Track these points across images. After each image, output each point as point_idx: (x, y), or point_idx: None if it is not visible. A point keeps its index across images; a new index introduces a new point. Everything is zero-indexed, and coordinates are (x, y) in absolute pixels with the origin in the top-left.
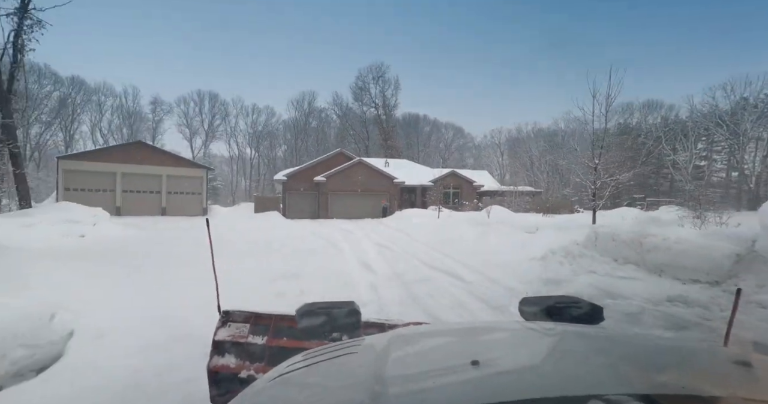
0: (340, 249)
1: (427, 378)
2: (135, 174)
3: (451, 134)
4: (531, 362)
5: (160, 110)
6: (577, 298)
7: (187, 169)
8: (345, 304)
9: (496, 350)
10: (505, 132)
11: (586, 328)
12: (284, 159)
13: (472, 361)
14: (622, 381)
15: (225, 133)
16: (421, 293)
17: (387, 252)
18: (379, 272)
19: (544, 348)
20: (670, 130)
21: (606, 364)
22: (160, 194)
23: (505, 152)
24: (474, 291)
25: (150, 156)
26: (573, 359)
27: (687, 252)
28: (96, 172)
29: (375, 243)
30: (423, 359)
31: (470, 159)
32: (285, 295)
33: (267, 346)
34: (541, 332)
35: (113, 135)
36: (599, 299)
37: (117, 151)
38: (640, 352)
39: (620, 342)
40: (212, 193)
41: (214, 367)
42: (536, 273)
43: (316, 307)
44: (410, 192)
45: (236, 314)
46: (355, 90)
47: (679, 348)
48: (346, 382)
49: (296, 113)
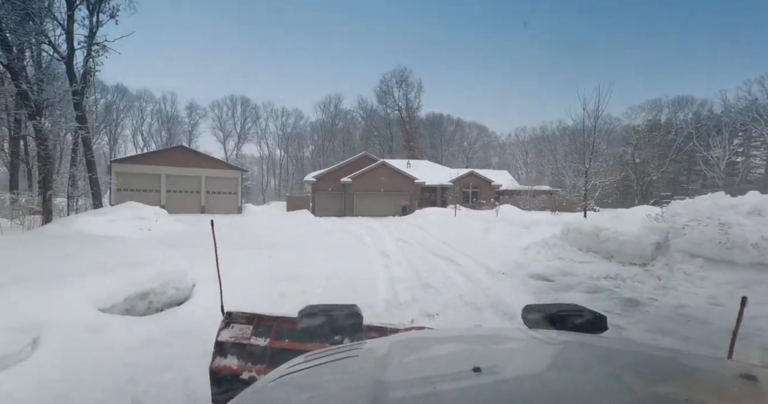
0: (364, 242)
1: (428, 383)
2: (177, 175)
3: (475, 133)
4: (533, 370)
5: (195, 114)
6: (580, 307)
7: (223, 170)
8: (346, 307)
9: (499, 357)
10: (529, 130)
11: (588, 337)
12: (312, 159)
13: (474, 368)
14: (624, 391)
15: (256, 135)
16: (422, 271)
17: (402, 244)
18: (393, 257)
19: (546, 357)
20: (703, 126)
21: (608, 374)
22: (200, 194)
23: (530, 151)
24: (460, 271)
25: (191, 159)
26: (575, 368)
27: (627, 242)
28: (144, 174)
29: (393, 237)
30: (424, 364)
31: (495, 157)
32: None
33: (269, 348)
34: (544, 340)
35: (153, 138)
36: (557, 277)
37: (162, 154)
38: (643, 363)
39: (623, 352)
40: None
41: (216, 368)
42: (514, 259)
43: (317, 309)
44: (431, 191)
45: (239, 315)
46: (379, 93)
47: (682, 359)
48: (347, 385)
49: (323, 115)
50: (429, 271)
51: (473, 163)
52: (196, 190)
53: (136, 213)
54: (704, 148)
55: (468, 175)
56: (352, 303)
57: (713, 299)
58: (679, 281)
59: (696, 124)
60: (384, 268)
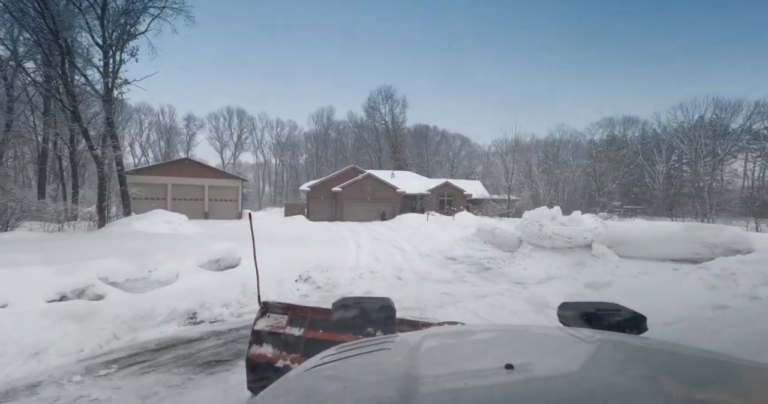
0: (346, 239)
1: (459, 379)
2: (182, 185)
3: (459, 144)
4: (566, 369)
5: (193, 125)
6: (618, 305)
7: (225, 180)
8: (380, 300)
9: (532, 355)
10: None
11: (626, 337)
12: (306, 167)
13: (506, 365)
14: (660, 395)
15: (252, 144)
16: (379, 254)
17: (373, 240)
18: (363, 248)
19: (581, 356)
20: (647, 143)
21: (644, 376)
22: (203, 201)
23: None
24: (403, 254)
25: (195, 170)
26: (610, 368)
27: (506, 236)
28: (151, 184)
29: (369, 236)
30: (456, 359)
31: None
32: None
33: (303, 338)
34: (579, 339)
35: (151, 148)
36: (461, 258)
37: (168, 166)
38: (682, 365)
39: (661, 353)
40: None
41: (252, 356)
42: (442, 248)
43: (351, 301)
44: (412, 199)
45: (275, 305)
46: (367, 109)
47: (724, 363)
48: (378, 378)
49: (316, 126)
50: (383, 254)
51: (458, 171)
52: (199, 198)
53: (164, 218)
54: (648, 164)
55: (443, 185)
56: (384, 296)
57: (526, 270)
58: (519, 259)
59: (642, 141)
60: (355, 253)
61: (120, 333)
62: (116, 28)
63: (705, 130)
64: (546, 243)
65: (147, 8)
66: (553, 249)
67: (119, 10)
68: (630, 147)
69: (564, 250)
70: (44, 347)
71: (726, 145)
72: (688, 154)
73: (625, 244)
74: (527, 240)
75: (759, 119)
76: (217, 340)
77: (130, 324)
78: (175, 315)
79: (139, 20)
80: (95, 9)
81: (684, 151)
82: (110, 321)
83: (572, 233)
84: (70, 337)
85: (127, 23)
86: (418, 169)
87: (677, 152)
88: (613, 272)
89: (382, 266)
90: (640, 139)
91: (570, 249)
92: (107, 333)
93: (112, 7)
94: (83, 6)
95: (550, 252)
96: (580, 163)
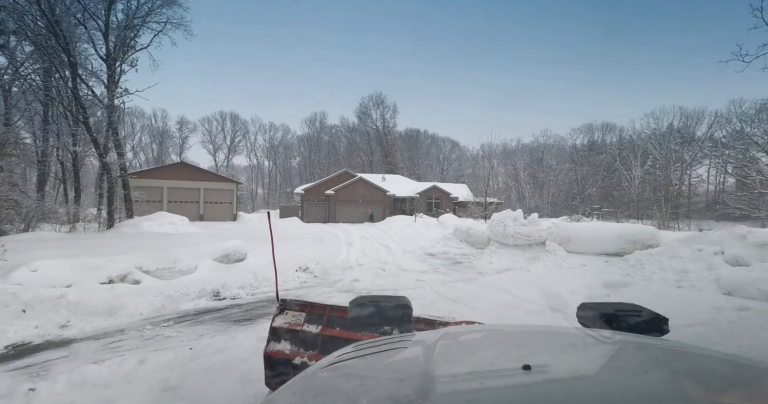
0: (338, 237)
1: (475, 379)
2: (178, 188)
3: (449, 147)
4: (585, 371)
5: (186, 129)
6: (639, 306)
7: (219, 182)
8: (396, 299)
9: (550, 356)
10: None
11: (647, 339)
12: (299, 170)
13: (524, 366)
14: (681, 399)
15: (245, 147)
16: (366, 250)
17: (363, 239)
18: (354, 246)
19: (600, 358)
20: (624, 149)
21: (665, 379)
22: (198, 204)
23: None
24: (388, 251)
25: (190, 173)
26: (630, 371)
27: (478, 235)
28: (148, 187)
29: (359, 235)
30: (473, 359)
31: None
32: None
33: (320, 335)
34: (598, 340)
35: (143, 151)
36: (438, 254)
37: (164, 170)
38: (706, 370)
39: (682, 355)
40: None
41: (270, 352)
42: (423, 246)
43: (367, 300)
44: (401, 202)
45: (293, 303)
46: (359, 114)
47: (750, 368)
48: (394, 376)
49: (309, 130)
50: (370, 250)
51: (448, 175)
52: (195, 201)
53: (168, 219)
54: (625, 168)
55: (431, 189)
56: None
57: (491, 263)
58: (487, 254)
59: (620, 146)
60: (346, 250)
61: (166, 304)
62: (118, 41)
63: (674, 137)
64: (510, 241)
65: (147, 23)
66: (515, 246)
67: (121, 25)
68: (609, 152)
69: (524, 247)
70: (114, 311)
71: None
72: (660, 160)
73: (571, 241)
74: (494, 239)
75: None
76: (239, 309)
77: (172, 298)
78: (204, 293)
79: (140, 33)
80: (98, 23)
81: (656, 157)
82: (157, 295)
83: (530, 232)
84: (131, 306)
85: (127, 37)
86: (409, 172)
87: (651, 157)
88: (560, 264)
89: (369, 260)
90: (617, 144)
91: (529, 246)
92: (157, 304)
93: (113, 21)
94: (89, 24)
95: (513, 248)
96: (563, 166)
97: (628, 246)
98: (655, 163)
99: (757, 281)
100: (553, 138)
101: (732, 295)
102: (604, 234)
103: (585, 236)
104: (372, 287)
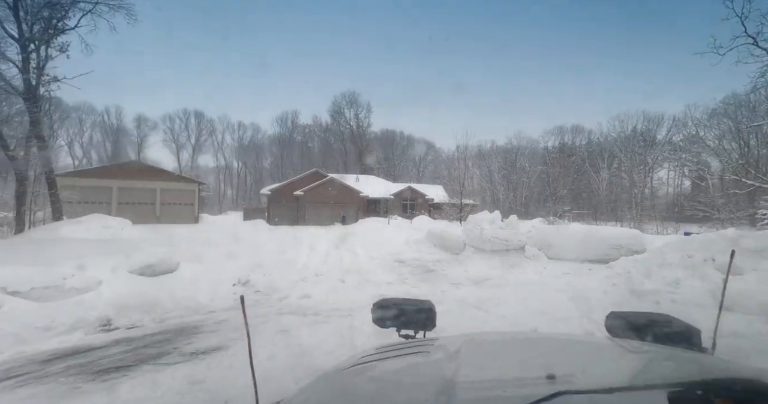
0: (300, 241)
1: (498, 387)
2: (131, 188)
3: (424, 148)
4: (611, 383)
5: (144, 126)
6: (670, 317)
7: (179, 183)
8: (420, 302)
9: (576, 365)
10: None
11: (675, 351)
12: (270, 171)
13: (548, 375)
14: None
15: (212, 147)
16: (330, 257)
17: (329, 242)
18: (316, 251)
19: (627, 369)
20: (593, 151)
21: (696, 396)
22: (155, 205)
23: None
24: (353, 257)
25: (145, 173)
26: (658, 385)
27: (453, 240)
28: (92, 187)
29: (326, 239)
30: (495, 367)
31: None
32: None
33: None
34: (626, 350)
35: (95, 149)
36: (409, 261)
37: (113, 168)
38: (738, 385)
39: (713, 370)
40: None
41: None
42: (392, 251)
43: (391, 302)
44: (375, 203)
45: None
46: (332, 113)
47: None
48: (415, 380)
49: (281, 129)
50: (334, 257)
51: (424, 176)
52: (150, 202)
53: (103, 223)
54: (594, 170)
55: (406, 190)
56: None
57: (467, 272)
58: (462, 261)
59: (588, 149)
60: (306, 256)
61: (23, 339)
62: (37, 21)
63: (637, 140)
64: (487, 246)
65: (77, 2)
66: (493, 252)
67: (40, 2)
68: (578, 154)
69: (502, 252)
70: None
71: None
72: (625, 163)
73: (552, 247)
74: (470, 244)
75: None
76: (125, 347)
77: (39, 330)
78: (82, 323)
79: (68, 15)
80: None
81: (622, 159)
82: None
83: (509, 236)
84: None
85: (52, 17)
86: (385, 173)
87: (617, 160)
88: (541, 273)
89: (329, 268)
90: (586, 146)
91: (507, 251)
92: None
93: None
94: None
95: (490, 254)
96: (536, 168)
97: (613, 252)
98: (621, 165)
99: (755, 293)
100: (526, 140)
101: (730, 311)
102: (588, 239)
103: (567, 241)
104: (322, 307)
